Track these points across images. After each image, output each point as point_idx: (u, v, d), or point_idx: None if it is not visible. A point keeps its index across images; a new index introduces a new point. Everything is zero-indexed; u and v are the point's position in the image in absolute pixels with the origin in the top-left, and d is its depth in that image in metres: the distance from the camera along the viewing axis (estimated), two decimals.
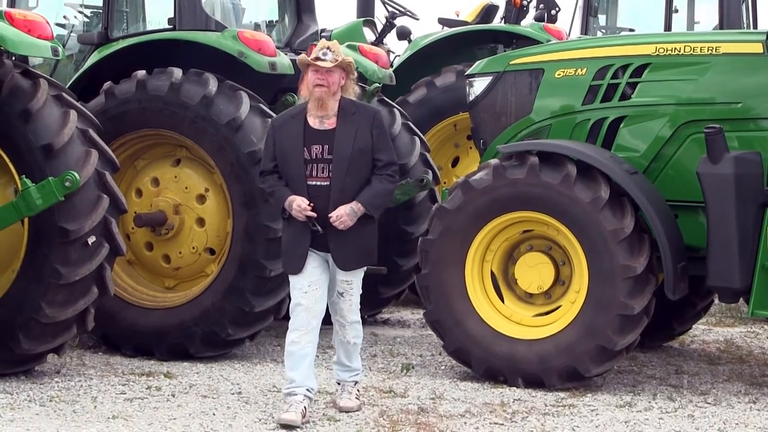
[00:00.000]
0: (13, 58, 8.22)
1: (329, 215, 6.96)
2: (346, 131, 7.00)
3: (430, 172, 10.20)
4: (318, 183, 7.00)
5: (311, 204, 6.96)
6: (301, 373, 7.11)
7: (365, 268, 7.26)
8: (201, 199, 9.13)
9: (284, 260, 7.24)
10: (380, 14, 12.94)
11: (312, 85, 7.01)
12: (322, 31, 10.83)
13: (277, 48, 9.41)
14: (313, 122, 7.06)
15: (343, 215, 6.96)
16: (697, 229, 8.07)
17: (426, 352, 9.33)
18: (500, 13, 13.47)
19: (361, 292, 7.29)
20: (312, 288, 7.07)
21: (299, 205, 6.96)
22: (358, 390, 7.49)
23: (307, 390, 7.14)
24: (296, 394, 7.09)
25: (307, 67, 7.05)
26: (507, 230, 8.26)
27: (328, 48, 7.01)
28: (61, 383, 7.98)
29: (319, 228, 6.96)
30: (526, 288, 8.26)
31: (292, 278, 7.15)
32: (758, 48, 8.10)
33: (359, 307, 7.35)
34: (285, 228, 7.19)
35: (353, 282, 7.21)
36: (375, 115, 7.13)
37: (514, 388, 8.05)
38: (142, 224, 9.14)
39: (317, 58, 6.99)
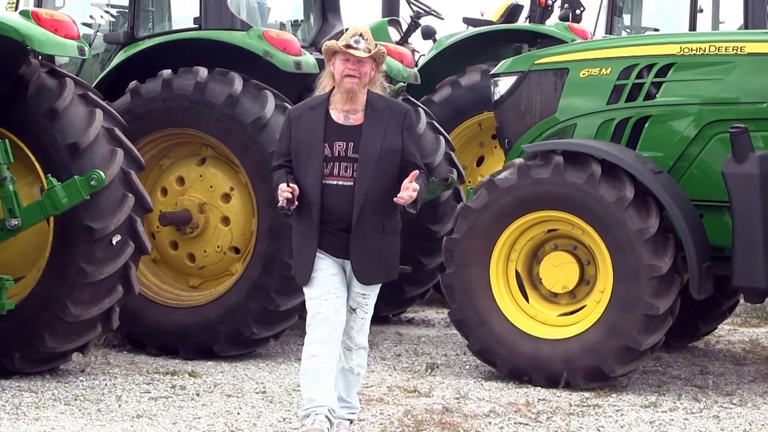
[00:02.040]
0: (40, 57, 8.27)
1: (407, 183, 6.14)
2: (375, 128, 6.25)
3: (454, 171, 10.19)
4: (339, 183, 6.23)
5: (291, 185, 6.19)
6: (321, 391, 6.26)
7: (379, 286, 6.46)
8: (226, 198, 9.16)
9: (295, 268, 6.48)
10: (405, 14, 12.95)
11: (341, 76, 6.24)
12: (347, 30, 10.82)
13: (303, 47, 9.42)
14: (337, 116, 6.30)
15: (418, 188, 6.17)
16: (722, 228, 8.04)
17: (450, 352, 9.33)
18: (525, 12, 13.46)
19: (371, 314, 6.50)
20: (332, 296, 6.27)
21: (282, 189, 6.19)
22: None
23: (329, 411, 6.29)
24: (318, 414, 6.25)
25: (333, 55, 6.28)
26: (532, 229, 8.25)
27: (360, 35, 6.25)
28: (86, 382, 8.01)
29: (288, 210, 6.23)
30: (551, 287, 8.25)
31: (306, 288, 6.36)
32: None
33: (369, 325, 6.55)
34: (294, 231, 6.45)
35: (369, 297, 6.42)
36: (407, 114, 6.38)
37: (539, 387, 8.04)
38: (167, 223, 9.17)
39: (349, 46, 6.22)
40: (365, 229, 6.24)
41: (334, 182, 6.26)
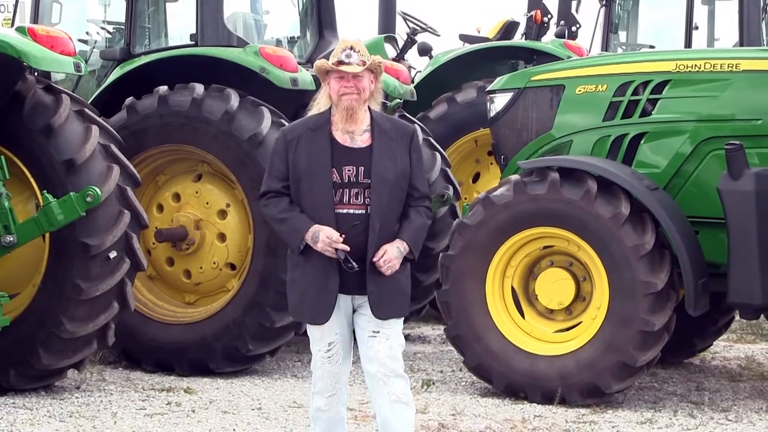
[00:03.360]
0: (36, 73, 8.28)
1: (374, 258, 5.62)
2: (386, 150, 5.70)
3: (450, 187, 10.20)
4: (351, 211, 5.64)
5: (342, 235, 5.60)
6: None
7: (401, 319, 5.84)
8: (222, 214, 9.16)
9: (298, 308, 5.78)
10: (401, 30, 12.97)
11: (338, 95, 5.69)
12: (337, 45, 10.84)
13: (299, 64, 9.45)
14: (342, 138, 5.71)
15: (392, 258, 5.64)
16: (717, 245, 8.05)
17: (446, 368, 9.32)
18: (521, 29, 13.49)
19: (403, 343, 5.84)
20: (334, 348, 5.75)
21: (329, 236, 5.56)
22: None
23: None
24: None
25: (327, 75, 5.75)
26: (528, 246, 8.25)
27: (351, 48, 5.71)
28: (81, 399, 8.00)
29: (355, 265, 5.57)
30: (547, 304, 8.25)
31: (310, 328, 5.80)
32: None
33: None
34: (298, 266, 5.72)
35: (388, 335, 5.74)
36: (413, 135, 5.82)
37: (535, 404, 8.04)
38: (163, 239, 9.17)
39: (340, 62, 5.68)
40: None
41: (345, 211, 5.66)
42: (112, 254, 7.87)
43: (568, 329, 8.23)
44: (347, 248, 5.57)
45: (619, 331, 7.87)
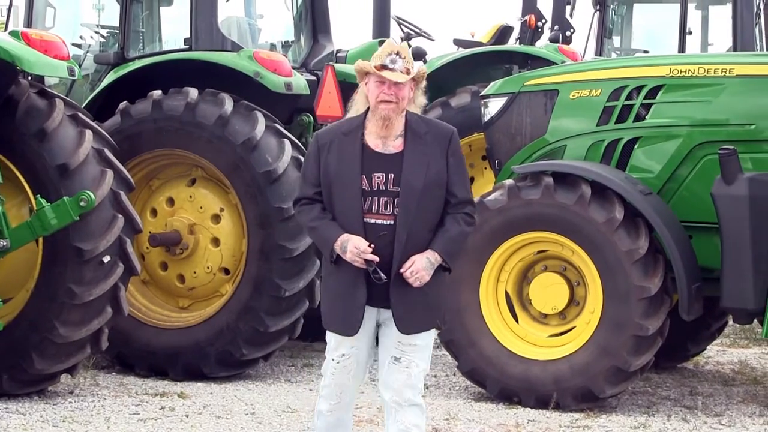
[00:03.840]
0: (30, 78, 8.26)
1: (402, 268, 5.38)
2: (417, 156, 5.42)
3: None
4: (379, 221, 5.40)
5: (371, 245, 5.37)
6: None
7: (432, 332, 5.60)
8: (216, 218, 9.15)
9: (329, 316, 5.54)
10: (395, 35, 12.97)
11: (376, 101, 5.40)
12: (338, 51, 10.87)
13: (293, 68, 9.44)
14: (374, 143, 5.45)
15: (420, 269, 5.37)
16: (711, 250, 8.05)
17: (440, 373, 9.31)
18: (515, 34, 13.50)
19: (427, 366, 5.60)
20: (347, 360, 5.53)
21: (357, 246, 5.34)
22: None
23: None
24: None
25: (366, 75, 5.45)
26: (522, 250, 8.25)
27: (397, 54, 5.39)
28: (75, 403, 7.98)
29: (383, 275, 5.36)
30: (541, 308, 8.25)
31: (329, 335, 5.59)
32: None
33: (422, 383, 5.60)
34: (331, 274, 5.51)
35: (417, 346, 5.50)
36: (452, 137, 5.51)
37: (529, 408, 8.03)
38: (157, 244, 9.16)
39: (384, 67, 5.38)
40: None
41: (373, 220, 5.41)
42: (106, 259, 7.86)
43: (561, 334, 8.23)
44: (376, 258, 5.34)
45: (613, 336, 7.87)
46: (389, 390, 5.49)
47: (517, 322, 8.31)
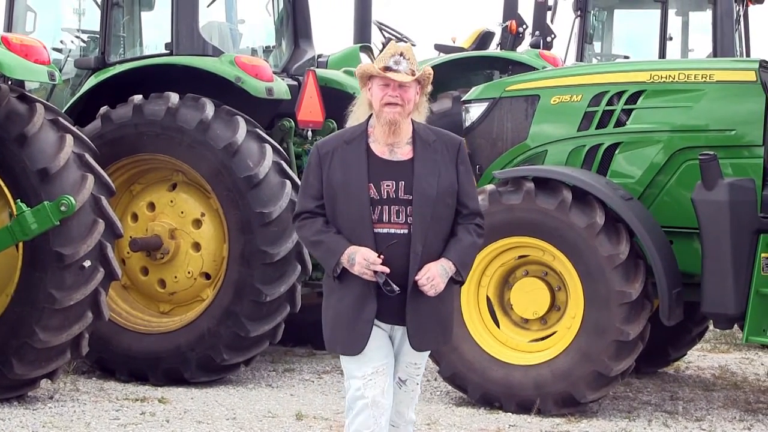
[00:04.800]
0: (10, 82, 8.23)
1: (416, 277, 5.12)
2: (428, 164, 5.21)
3: None
4: (391, 230, 5.14)
5: (381, 256, 5.11)
6: None
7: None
8: (197, 223, 9.13)
9: (332, 336, 5.23)
10: (377, 40, 12.98)
11: (381, 104, 5.17)
12: (319, 56, 10.86)
13: (274, 73, 9.43)
14: (381, 150, 5.22)
15: (435, 276, 5.13)
16: (692, 255, 8.08)
17: (422, 378, 9.30)
18: (496, 39, 13.53)
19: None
20: (379, 375, 5.19)
21: (366, 257, 5.07)
22: None
23: None
24: None
25: (369, 80, 5.22)
26: (503, 255, 8.26)
27: (401, 55, 5.18)
28: (54, 409, 7.95)
29: (395, 287, 5.08)
30: (522, 313, 8.26)
31: (346, 360, 5.24)
32: (751, 76, 8.13)
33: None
34: (333, 291, 5.22)
35: (421, 366, 5.40)
36: (460, 147, 5.34)
37: (510, 413, 8.04)
38: (138, 249, 9.14)
39: (388, 68, 5.16)
40: None
41: (385, 230, 5.14)
42: (86, 263, 7.83)
43: (543, 339, 8.24)
44: (386, 270, 5.07)
45: (594, 341, 7.89)
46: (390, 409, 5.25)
47: (498, 327, 8.32)
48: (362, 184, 5.15)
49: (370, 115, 5.28)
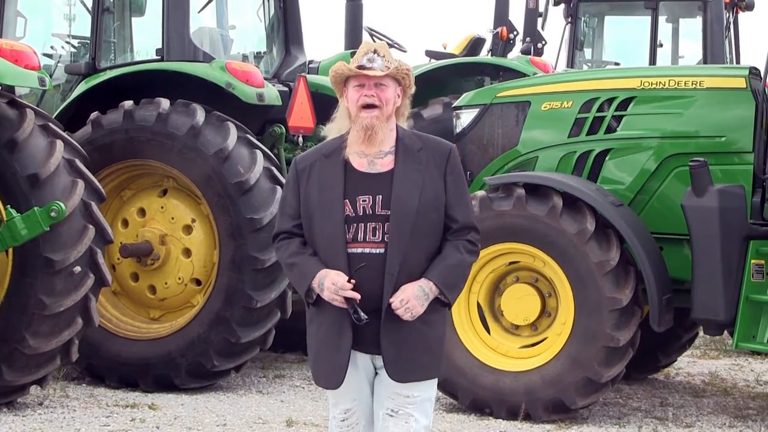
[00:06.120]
0: (0, 87, 8.22)
1: (390, 300, 4.69)
2: (410, 175, 4.74)
3: None
4: (366, 250, 4.71)
5: (351, 280, 4.69)
6: None
7: (433, 383, 4.92)
8: (187, 229, 9.12)
9: (314, 368, 4.91)
10: None
11: (357, 107, 4.75)
12: (310, 62, 10.87)
13: (265, 79, 9.44)
14: (359, 163, 4.78)
15: (411, 298, 4.68)
16: (682, 261, 8.09)
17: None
18: (487, 45, 13.55)
19: (429, 422, 4.91)
20: (353, 416, 4.86)
21: (334, 281, 4.67)
22: None
23: None
24: None
25: (345, 85, 4.82)
26: (493, 262, 8.26)
27: (374, 52, 4.78)
28: (44, 415, 7.93)
29: (363, 315, 4.66)
30: (513, 320, 8.27)
31: (326, 391, 4.96)
32: (741, 83, 8.15)
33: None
34: (312, 319, 4.86)
35: (417, 398, 4.82)
36: (450, 154, 4.85)
37: (500, 419, 8.04)
38: (128, 255, 9.12)
39: (361, 67, 4.75)
40: None
41: (359, 250, 4.72)
42: (77, 269, 7.82)
43: (533, 345, 8.24)
44: (357, 296, 4.65)
45: (584, 347, 7.89)
46: None
47: (488, 333, 8.32)
48: (337, 200, 4.73)
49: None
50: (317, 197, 4.77)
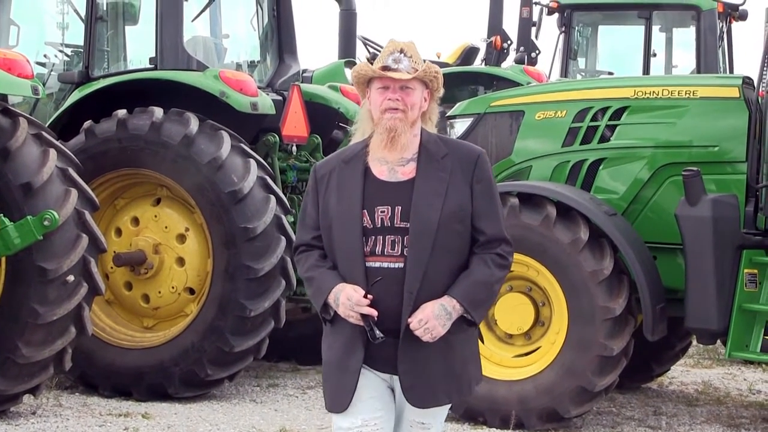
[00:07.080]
0: None
1: (409, 319, 4.39)
2: (432, 183, 4.44)
3: None
4: (384, 264, 4.42)
5: (368, 295, 4.40)
6: None
7: (448, 406, 4.62)
8: (181, 238, 9.12)
9: (325, 388, 4.57)
10: (361, 55, 13.01)
11: (380, 111, 4.45)
12: (304, 71, 10.87)
13: (259, 88, 9.44)
14: (379, 170, 4.49)
15: (430, 318, 4.37)
16: (675, 270, 8.09)
17: None
18: (481, 55, 13.57)
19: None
20: (367, 428, 4.48)
21: (349, 296, 4.38)
22: None
23: None
24: None
25: (368, 86, 4.51)
26: None
27: (401, 51, 4.45)
28: (37, 424, 7.91)
29: (378, 333, 4.36)
30: (506, 329, 8.26)
31: (333, 418, 4.59)
32: (734, 92, 8.17)
33: None
34: (326, 337, 4.57)
35: (431, 426, 4.58)
36: (478, 161, 4.52)
37: (494, 428, 8.03)
38: (122, 264, 9.11)
39: (386, 68, 4.43)
40: None
41: (378, 264, 4.42)
42: (70, 278, 7.80)
43: (527, 354, 8.24)
44: (374, 312, 4.35)
45: (578, 356, 7.89)
46: None
47: (482, 342, 8.31)
48: (355, 211, 4.43)
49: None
50: (335, 207, 4.48)
